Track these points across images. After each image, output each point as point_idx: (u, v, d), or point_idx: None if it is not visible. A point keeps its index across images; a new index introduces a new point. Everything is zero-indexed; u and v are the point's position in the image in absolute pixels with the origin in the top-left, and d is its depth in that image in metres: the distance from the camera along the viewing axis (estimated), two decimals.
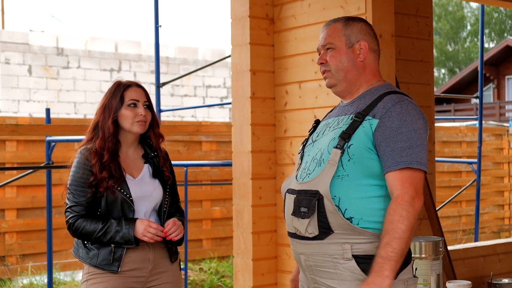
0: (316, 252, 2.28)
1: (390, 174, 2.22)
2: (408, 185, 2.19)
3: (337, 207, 2.22)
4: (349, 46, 2.39)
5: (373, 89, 2.38)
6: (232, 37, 4.22)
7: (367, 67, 2.41)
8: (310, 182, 2.28)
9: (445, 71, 38.86)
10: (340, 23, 2.42)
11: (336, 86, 2.42)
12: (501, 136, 12.21)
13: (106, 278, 2.83)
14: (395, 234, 2.14)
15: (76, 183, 2.84)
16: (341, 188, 2.23)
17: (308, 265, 2.33)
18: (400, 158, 2.21)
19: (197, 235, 9.09)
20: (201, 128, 7.48)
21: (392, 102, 2.28)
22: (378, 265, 2.14)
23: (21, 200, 7.79)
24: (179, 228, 2.87)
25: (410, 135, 2.23)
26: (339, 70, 2.39)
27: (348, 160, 2.24)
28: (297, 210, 2.29)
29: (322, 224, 2.23)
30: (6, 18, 49.91)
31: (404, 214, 2.15)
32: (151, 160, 2.98)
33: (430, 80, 4.51)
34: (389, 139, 2.23)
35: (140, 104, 2.92)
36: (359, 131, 2.26)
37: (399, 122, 2.24)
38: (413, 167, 2.21)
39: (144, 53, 15.01)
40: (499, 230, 12.06)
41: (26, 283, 7.59)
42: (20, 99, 13.58)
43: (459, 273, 4.37)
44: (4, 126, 6.02)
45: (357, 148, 2.24)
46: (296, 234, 2.33)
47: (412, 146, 2.22)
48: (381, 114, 2.26)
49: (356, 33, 2.40)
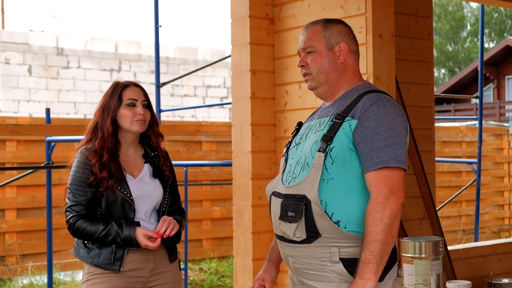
0: (304, 255, 2.29)
1: (368, 175, 2.23)
2: (382, 185, 2.20)
3: (324, 211, 2.22)
4: (329, 48, 2.40)
5: (353, 89, 2.39)
6: (232, 37, 4.22)
7: (348, 68, 2.42)
8: (296, 186, 2.29)
9: (445, 71, 38.86)
10: (319, 26, 2.43)
11: (318, 88, 2.44)
12: (501, 136, 12.21)
13: (107, 278, 2.83)
14: (371, 237, 2.17)
15: (76, 183, 2.84)
16: (327, 192, 2.24)
17: (296, 268, 2.35)
18: (377, 158, 2.21)
19: (197, 235, 9.09)
20: (201, 128, 7.48)
21: (370, 102, 2.28)
22: (360, 269, 2.18)
23: (21, 200, 7.79)
24: (171, 223, 2.87)
25: (387, 133, 2.23)
26: (320, 72, 2.40)
27: (332, 163, 2.25)
28: (285, 215, 2.29)
29: (310, 228, 2.24)
30: (6, 18, 49.91)
31: (378, 216, 2.17)
32: (151, 159, 2.98)
33: (430, 80, 4.51)
34: (366, 139, 2.23)
35: (139, 103, 2.92)
36: (339, 133, 2.27)
37: (376, 122, 2.24)
38: (390, 166, 2.21)
39: (144, 53, 15.01)
40: (499, 230, 12.06)
41: (26, 283, 7.59)
42: (20, 99, 13.58)
43: (459, 273, 4.37)
44: (4, 126, 6.02)
45: (339, 150, 2.25)
46: (283, 237, 2.34)
47: (389, 144, 2.22)
48: (359, 115, 2.27)
49: (335, 35, 2.41)
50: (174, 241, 2.96)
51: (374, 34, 3.54)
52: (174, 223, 2.89)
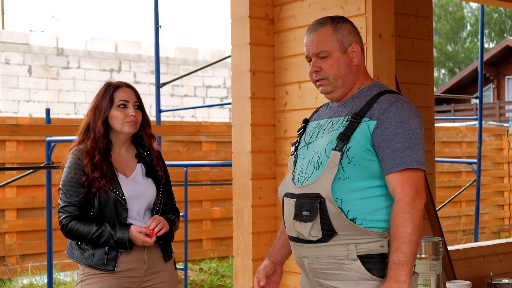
0: (320, 255, 2.28)
1: (391, 176, 2.22)
2: (408, 186, 2.20)
3: (339, 209, 2.22)
4: (344, 52, 2.36)
5: (365, 89, 2.38)
6: (232, 37, 4.22)
7: (360, 69, 2.40)
8: (310, 186, 2.27)
9: (445, 71, 38.86)
10: (329, 27, 2.37)
11: (333, 92, 2.39)
12: (501, 136, 12.21)
13: (101, 279, 2.84)
14: (403, 239, 2.15)
15: (68, 183, 2.85)
16: (342, 190, 2.23)
17: (312, 268, 2.33)
18: (400, 159, 2.21)
19: (197, 235, 9.09)
20: (201, 128, 7.48)
21: (388, 103, 2.27)
22: (393, 271, 2.15)
23: (21, 200, 7.79)
24: (161, 222, 2.87)
25: (408, 135, 2.23)
26: (337, 77, 2.36)
27: (348, 163, 2.24)
28: (299, 214, 2.28)
29: (326, 226, 2.23)
30: (6, 18, 49.90)
31: (408, 217, 2.17)
32: (144, 159, 2.99)
33: (430, 81, 4.51)
34: (387, 140, 2.23)
35: (130, 104, 2.93)
36: (357, 133, 2.25)
37: (397, 123, 2.23)
38: (413, 167, 2.22)
39: (144, 53, 15.01)
40: (499, 230, 12.06)
41: (26, 283, 7.59)
42: (20, 99, 13.58)
43: (459, 273, 4.37)
44: (4, 126, 6.02)
45: (356, 151, 2.24)
46: (298, 238, 2.32)
47: (411, 146, 2.22)
48: (378, 115, 2.26)
49: (347, 36, 2.37)
50: (167, 240, 2.97)
51: (374, 35, 3.54)
52: (164, 222, 2.89)
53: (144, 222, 2.90)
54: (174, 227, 2.99)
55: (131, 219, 2.88)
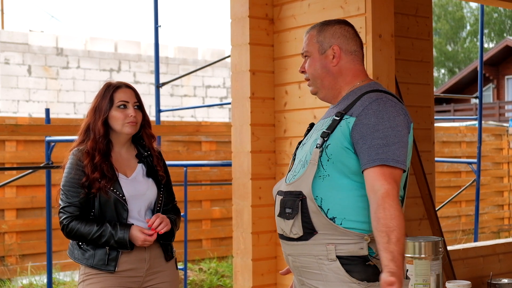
0: (302, 253, 2.28)
1: (366, 172, 2.18)
2: (383, 179, 2.13)
3: (319, 207, 2.21)
4: (322, 53, 2.38)
5: (356, 90, 2.36)
6: (232, 37, 4.22)
7: (344, 71, 2.38)
8: (294, 183, 2.29)
9: (445, 71, 38.86)
10: (315, 30, 2.41)
11: (318, 93, 2.43)
12: (501, 136, 12.21)
13: (102, 278, 2.84)
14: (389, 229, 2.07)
15: (69, 184, 2.85)
16: (322, 188, 2.23)
17: (295, 266, 2.34)
18: (376, 156, 2.17)
19: (197, 235, 9.09)
20: (200, 128, 7.48)
21: (370, 100, 2.25)
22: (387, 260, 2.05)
23: (20, 200, 7.79)
24: (163, 221, 2.87)
25: (387, 132, 2.19)
26: (315, 78, 2.40)
27: (327, 160, 2.23)
28: (283, 211, 2.29)
29: (306, 224, 2.23)
30: (6, 18, 49.89)
31: (387, 206, 2.09)
32: (145, 159, 2.99)
33: (430, 80, 4.51)
34: (365, 136, 2.20)
35: (130, 105, 2.92)
36: (337, 130, 2.25)
37: (376, 119, 2.20)
38: (389, 165, 2.16)
39: (144, 53, 15.00)
40: (498, 230, 12.06)
41: (25, 283, 7.59)
42: (20, 99, 13.58)
43: (458, 273, 4.37)
44: (4, 126, 6.02)
45: (335, 148, 2.23)
46: (283, 235, 2.34)
47: (388, 143, 2.18)
48: (358, 112, 2.24)
49: (328, 38, 2.37)
50: (168, 240, 2.96)
51: (373, 34, 3.54)
52: (167, 221, 2.89)
53: (144, 223, 2.90)
54: (175, 227, 2.99)
55: (131, 219, 2.88)
